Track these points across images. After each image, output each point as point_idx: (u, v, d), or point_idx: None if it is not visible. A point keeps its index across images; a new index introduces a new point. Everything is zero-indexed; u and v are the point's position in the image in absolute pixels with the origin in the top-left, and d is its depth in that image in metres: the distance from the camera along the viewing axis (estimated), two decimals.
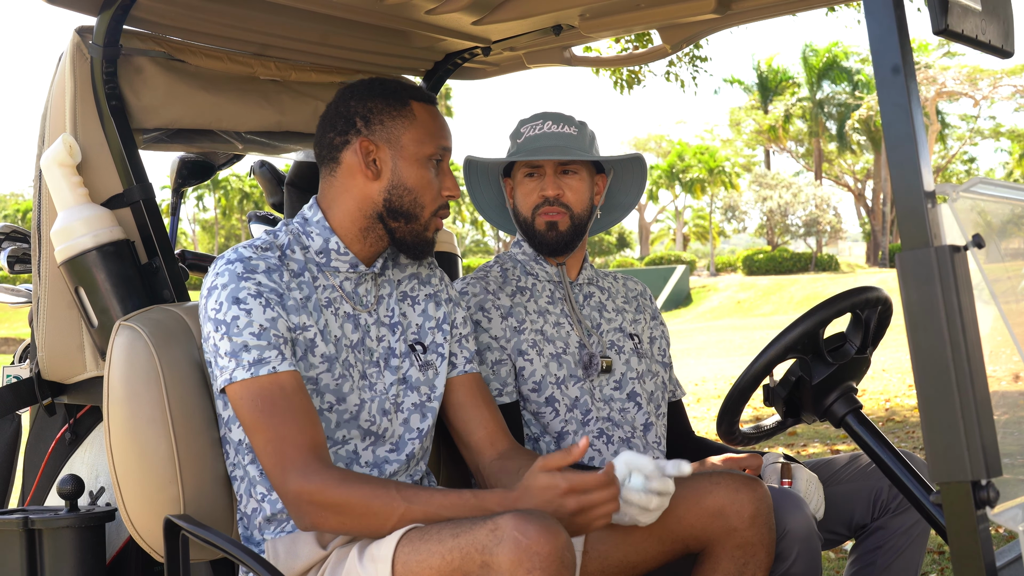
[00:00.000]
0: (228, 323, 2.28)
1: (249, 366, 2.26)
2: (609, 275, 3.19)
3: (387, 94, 2.48)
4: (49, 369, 2.87)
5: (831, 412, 2.66)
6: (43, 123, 2.85)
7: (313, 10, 2.87)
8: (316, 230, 2.48)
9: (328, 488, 2.19)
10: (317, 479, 2.20)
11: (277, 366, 2.28)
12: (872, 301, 2.70)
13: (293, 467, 2.21)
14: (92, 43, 2.73)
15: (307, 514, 2.22)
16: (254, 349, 2.27)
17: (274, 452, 2.23)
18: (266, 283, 2.33)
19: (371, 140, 2.45)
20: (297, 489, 2.20)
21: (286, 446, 2.23)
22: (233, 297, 2.30)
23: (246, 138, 3.21)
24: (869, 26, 1.65)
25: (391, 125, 2.46)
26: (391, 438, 2.49)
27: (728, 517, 2.36)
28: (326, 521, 2.22)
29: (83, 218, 2.69)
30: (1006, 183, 1.96)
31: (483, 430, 2.62)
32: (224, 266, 2.34)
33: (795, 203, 59.90)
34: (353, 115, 2.47)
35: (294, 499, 2.22)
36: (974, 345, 1.59)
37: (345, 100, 2.50)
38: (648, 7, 3.00)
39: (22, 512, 2.71)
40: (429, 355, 2.59)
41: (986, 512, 1.61)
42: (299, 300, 2.38)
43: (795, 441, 9.10)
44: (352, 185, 2.48)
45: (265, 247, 2.40)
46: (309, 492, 2.20)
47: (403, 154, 2.46)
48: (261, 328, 2.29)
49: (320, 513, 2.21)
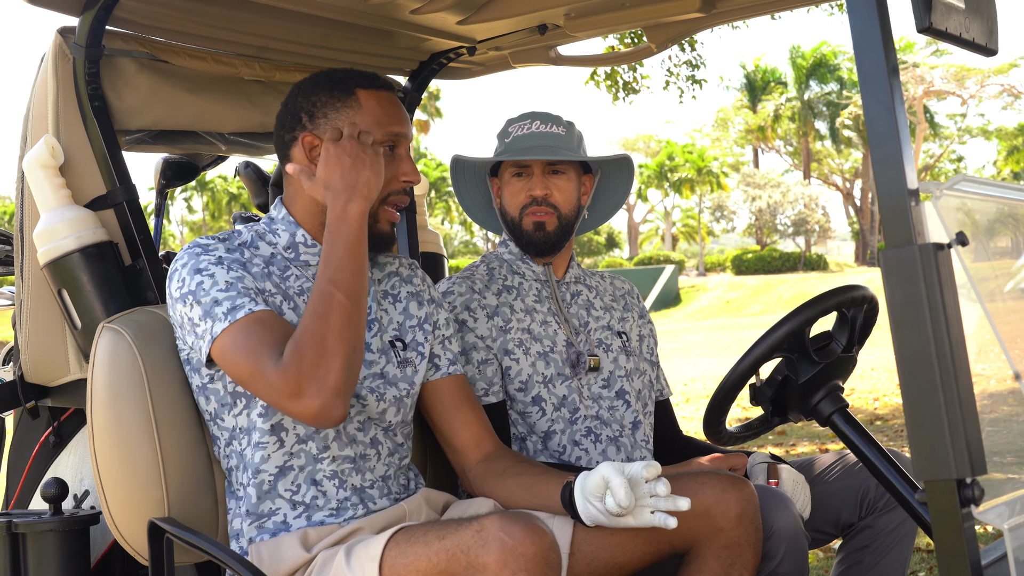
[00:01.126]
0: (194, 291, 2.27)
1: (225, 316, 2.24)
2: (596, 274, 3.18)
3: (332, 85, 2.43)
4: (32, 372, 2.86)
5: (817, 411, 2.66)
6: (25, 124, 2.83)
7: (297, 10, 2.86)
8: (282, 226, 2.46)
9: (292, 344, 2.15)
10: (287, 357, 2.15)
11: (253, 308, 2.25)
12: (858, 300, 2.70)
13: (269, 362, 2.17)
14: (75, 44, 2.72)
15: (299, 383, 2.14)
16: (225, 301, 2.25)
17: (254, 364, 2.19)
18: (226, 256, 2.33)
19: (315, 134, 2.41)
20: (277, 373, 2.15)
21: (262, 353, 2.18)
22: (195, 269, 2.29)
23: (229, 139, 3.20)
24: (852, 24, 1.65)
25: (334, 116, 2.41)
26: (368, 435, 2.47)
27: (714, 517, 2.36)
28: (328, 375, 2.14)
29: (66, 220, 2.68)
30: (990, 181, 1.96)
31: (468, 431, 2.61)
32: (183, 252, 2.35)
33: (784, 202, 60.07)
34: (299, 110, 2.43)
35: (281, 386, 2.15)
36: (958, 343, 1.58)
37: (294, 96, 2.46)
38: (633, 6, 3.00)
39: (5, 516, 2.69)
40: (408, 352, 2.57)
41: (971, 510, 1.61)
42: (262, 271, 2.37)
43: (784, 440, 9.11)
44: (305, 180, 2.44)
45: (224, 238, 2.40)
46: (284, 364, 2.14)
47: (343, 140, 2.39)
48: (227, 283, 2.28)
49: (305, 366, 2.14)
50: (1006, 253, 2.08)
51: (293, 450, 2.36)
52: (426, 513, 2.49)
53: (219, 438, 2.41)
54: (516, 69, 3.64)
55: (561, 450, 2.87)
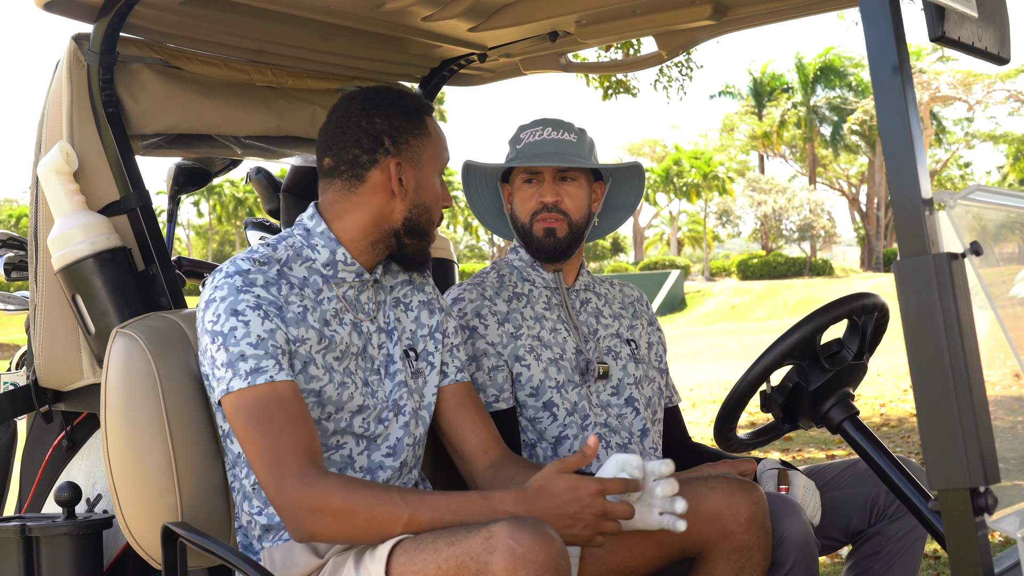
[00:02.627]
0: (225, 334, 2.27)
1: (246, 375, 2.25)
2: (606, 281, 3.19)
3: (408, 112, 2.47)
4: (46, 376, 2.86)
5: (828, 418, 2.67)
6: (40, 130, 2.85)
7: (309, 17, 2.87)
8: (321, 242, 2.45)
9: (330, 494, 2.17)
10: (318, 486, 2.18)
11: (275, 375, 2.26)
12: (869, 307, 2.71)
13: (291, 475, 2.19)
14: (89, 50, 2.73)
15: (306, 523, 2.19)
16: (251, 359, 2.26)
17: (269, 461, 2.21)
18: (264, 296, 2.32)
19: (400, 161, 2.44)
20: (296, 496, 2.18)
21: (282, 454, 2.21)
22: (231, 309, 2.28)
23: (245, 143, 3.21)
24: (866, 33, 1.66)
25: (415, 144, 2.46)
26: (386, 443, 2.48)
27: (724, 521, 2.37)
28: (326, 529, 2.19)
29: (80, 225, 2.69)
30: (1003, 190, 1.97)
31: (476, 438, 2.61)
32: (223, 279, 2.32)
33: (789, 208, 59.96)
34: (381, 133, 2.44)
35: (291, 508, 2.19)
36: (972, 352, 1.59)
37: (369, 115, 2.45)
38: (644, 14, 3.01)
39: (19, 520, 2.70)
40: (420, 363, 2.58)
41: (984, 519, 1.61)
42: (297, 313, 2.36)
43: (791, 446, 9.10)
44: (373, 202, 2.45)
45: (263, 261, 2.37)
46: (309, 499, 2.17)
47: (423, 172, 2.48)
48: (259, 339, 2.27)
49: (321, 521, 2.18)
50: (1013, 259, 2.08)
51: None
52: None
53: (226, 455, 2.43)
54: (526, 76, 3.66)
55: None
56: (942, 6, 1.70)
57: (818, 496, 2.78)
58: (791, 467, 2.87)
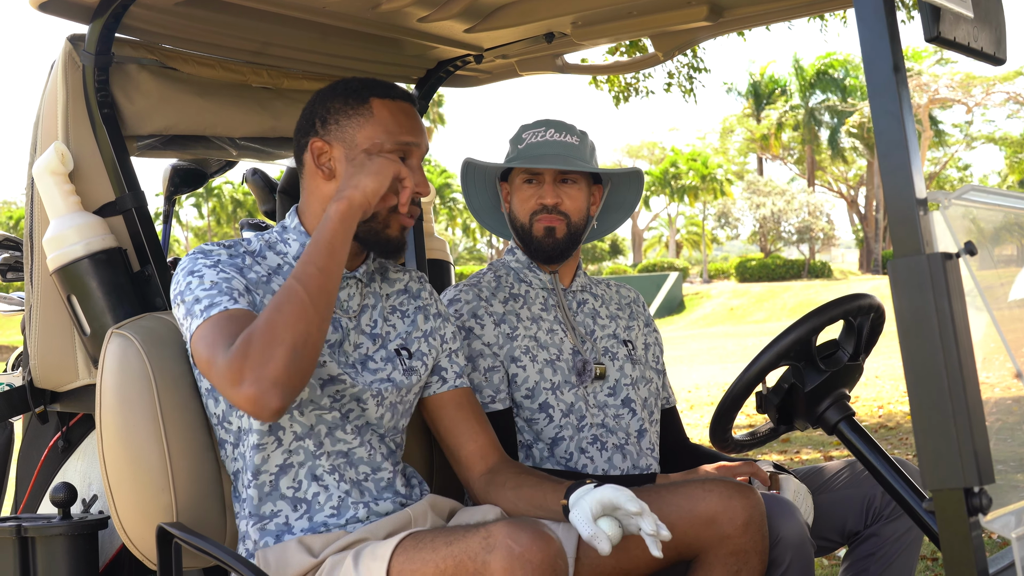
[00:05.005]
0: (182, 291, 2.29)
1: (201, 312, 2.24)
2: (602, 282, 3.19)
3: (347, 93, 2.44)
4: (42, 377, 2.86)
5: (824, 419, 2.66)
6: (35, 131, 2.85)
7: (305, 18, 2.87)
8: (293, 236, 2.46)
9: (245, 339, 2.12)
10: (236, 343, 2.14)
11: (229, 305, 2.25)
12: (865, 308, 2.70)
13: (220, 349, 2.15)
14: (84, 51, 2.73)
15: (247, 372, 2.10)
16: (204, 299, 2.26)
17: (208, 353, 2.18)
18: (225, 260, 2.34)
19: (325, 140, 2.42)
20: (226, 359, 2.13)
21: (216, 341, 2.17)
22: (189, 271, 2.31)
23: (240, 144, 3.21)
24: (861, 33, 1.66)
25: (346, 124, 2.41)
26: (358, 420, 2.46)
27: (721, 524, 2.37)
28: (268, 364, 2.10)
29: (75, 226, 2.69)
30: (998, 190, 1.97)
31: (473, 444, 2.61)
32: (185, 257, 2.36)
33: (788, 210, 60.03)
34: (313, 116, 2.45)
35: (229, 373, 2.11)
36: (966, 352, 1.59)
37: (312, 102, 2.48)
38: (640, 15, 3.01)
39: (15, 520, 2.70)
40: (414, 361, 2.57)
41: (979, 519, 1.61)
42: (261, 278, 2.37)
43: (788, 448, 9.10)
44: (314, 187, 2.45)
45: (229, 245, 2.40)
46: (234, 351, 2.12)
47: (357, 152, 2.40)
48: (212, 283, 2.28)
49: (253, 356, 2.11)
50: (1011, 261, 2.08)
51: (292, 447, 2.37)
52: (432, 519, 2.49)
53: (226, 441, 2.42)
54: (522, 77, 3.65)
55: (568, 456, 2.87)
56: (937, 6, 1.70)
57: (810, 499, 2.78)
58: (783, 470, 2.87)
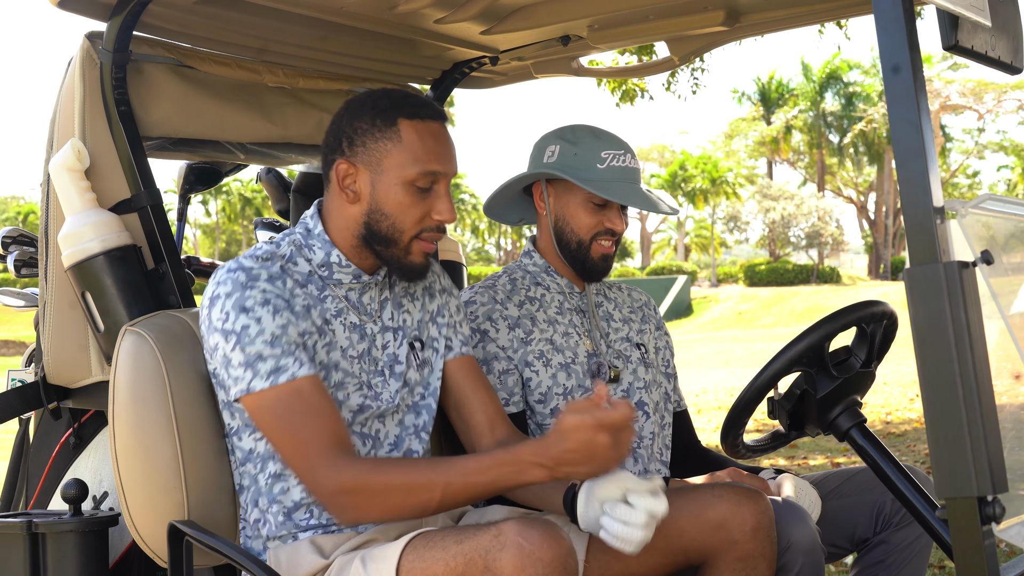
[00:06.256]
0: (238, 333, 2.25)
1: (267, 375, 2.24)
2: (614, 286, 3.19)
3: (376, 112, 2.37)
4: (55, 373, 2.87)
5: (835, 425, 2.66)
6: (52, 127, 2.85)
7: (322, 18, 2.87)
8: (318, 243, 2.43)
9: (363, 476, 2.19)
10: (349, 471, 2.19)
11: (296, 372, 2.25)
12: (878, 315, 2.70)
13: (321, 464, 2.20)
14: (102, 48, 2.74)
15: (347, 508, 2.21)
16: (270, 358, 2.25)
17: (301, 455, 2.22)
18: (270, 290, 2.30)
19: (351, 163, 2.37)
20: (331, 485, 2.19)
21: (311, 446, 2.21)
22: (239, 306, 2.26)
23: (249, 148, 3.21)
24: (880, 41, 1.66)
25: (373, 148, 2.36)
26: (387, 440, 2.48)
27: (730, 530, 2.36)
28: (368, 510, 2.20)
29: (91, 223, 2.69)
30: (1015, 200, 1.97)
31: (481, 414, 2.58)
32: (225, 275, 2.30)
33: (797, 215, 59.96)
34: (341, 134, 2.39)
35: (331, 496, 2.20)
36: (981, 361, 1.59)
37: (340, 115, 2.42)
38: (657, 19, 3.01)
39: (26, 516, 2.71)
40: (426, 351, 2.56)
41: (992, 528, 1.61)
42: (304, 307, 2.35)
43: (796, 454, 9.09)
44: (339, 204, 2.42)
45: (266, 257, 2.35)
46: (343, 485, 2.18)
47: (383, 178, 2.36)
48: (273, 336, 2.26)
49: (360, 504, 2.19)
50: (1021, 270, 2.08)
51: None
52: (441, 519, 2.49)
53: (233, 453, 2.43)
54: (537, 79, 3.66)
55: None
56: (956, 15, 1.70)
57: (813, 492, 2.77)
58: (781, 471, 2.88)
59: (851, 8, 3.06)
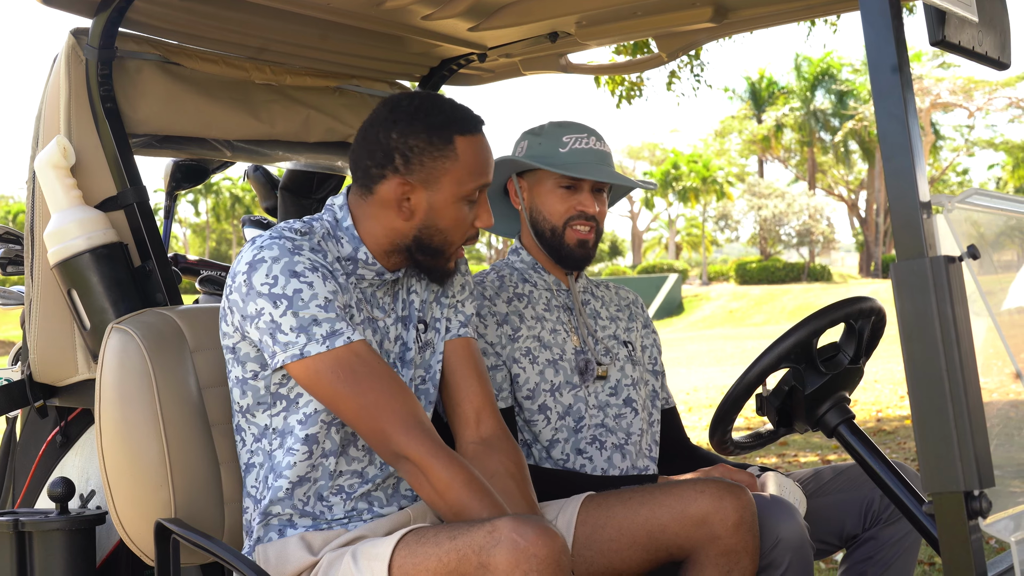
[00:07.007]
0: (290, 297, 2.22)
1: (323, 339, 2.22)
2: (602, 284, 3.19)
3: (431, 130, 2.33)
4: (41, 371, 2.86)
5: (824, 422, 2.66)
6: (37, 125, 2.84)
7: (309, 14, 2.87)
8: (346, 237, 2.39)
9: (428, 460, 2.20)
10: (417, 447, 2.21)
11: (351, 336, 2.24)
12: (866, 311, 2.70)
13: (396, 430, 2.21)
14: (88, 45, 2.73)
15: (406, 473, 2.24)
16: (324, 322, 2.23)
17: (370, 417, 2.22)
18: (315, 259, 2.28)
19: (408, 181, 2.34)
20: (400, 451, 2.21)
21: (380, 409, 2.22)
22: (289, 270, 2.23)
23: (235, 146, 3.19)
24: (866, 36, 1.66)
25: (431, 166, 2.34)
26: None
27: (712, 525, 2.38)
28: (421, 488, 2.23)
29: (77, 220, 2.69)
30: (1001, 194, 1.97)
31: (469, 404, 2.54)
32: (269, 240, 2.28)
33: (788, 213, 60.05)
34: (393, 150, 2.34)
35: (394, 459, 2.23)
36: (968, 356, 1.59)
37: (387, 129, 2.35)
38: (645, 15, 3.01)
39: (12, 514, 2.70)
40: (429, 332, 2.54)
41: (978, 523, 1.61)
42: (341, 284, 2.34)
43: (786, 451, 9.10)
44: (384, 215, 2.38)
45: (304, 231, 2.34)
46: (417, 456, 2.20)
47: (440, 195, 2.36)
48: (326, 300, 2.24)
49: (415, 480, 2.22)
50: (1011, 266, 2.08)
51: (316, 462, 2.35)
52: (431, 518, 2.49)
53: (245, 431, 2.39)
54: (525, 76, 3.65)
55: (564, 458, 2.87)
56: (943, 10, 1.70)
57: (798, 490, 2.77)
58: (767, 469, 2.88)
59: (838, 4, 3.06)
